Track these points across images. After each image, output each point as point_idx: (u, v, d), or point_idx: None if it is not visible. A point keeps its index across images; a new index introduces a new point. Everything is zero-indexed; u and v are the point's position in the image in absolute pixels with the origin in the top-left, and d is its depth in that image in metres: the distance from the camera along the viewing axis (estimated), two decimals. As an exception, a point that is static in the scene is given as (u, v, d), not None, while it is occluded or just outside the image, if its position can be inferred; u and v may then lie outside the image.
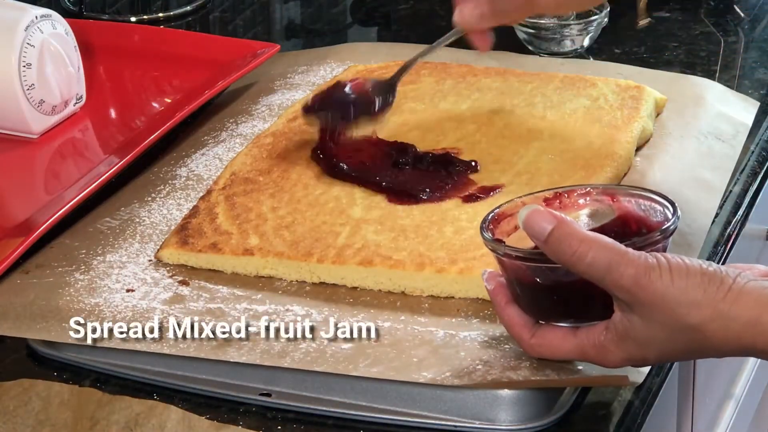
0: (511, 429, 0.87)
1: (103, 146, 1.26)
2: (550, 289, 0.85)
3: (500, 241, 0.87)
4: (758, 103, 1.27)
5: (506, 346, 0.90)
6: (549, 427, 0.88)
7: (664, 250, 0.84)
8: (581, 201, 0.91)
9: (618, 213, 0.90)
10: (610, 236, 0.81)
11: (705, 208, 1.09)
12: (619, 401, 0.90)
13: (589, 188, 0.91)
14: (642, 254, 0.80)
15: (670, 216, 0.86)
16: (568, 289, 0.84)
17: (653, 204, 0.88)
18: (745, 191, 1.16)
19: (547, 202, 0.90)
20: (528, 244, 0.85)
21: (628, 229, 0.88)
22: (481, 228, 0.88)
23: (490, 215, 0.89)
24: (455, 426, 0.88)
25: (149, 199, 1.13)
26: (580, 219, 0.90)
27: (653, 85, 1.24)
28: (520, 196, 0.91)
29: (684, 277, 0.79)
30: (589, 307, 0.84)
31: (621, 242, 0.81)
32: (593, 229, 0.85)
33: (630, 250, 0.80)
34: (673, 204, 0.87)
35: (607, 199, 0.90)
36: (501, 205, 0.90)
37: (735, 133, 1.21)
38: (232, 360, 0.91)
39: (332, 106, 1.14)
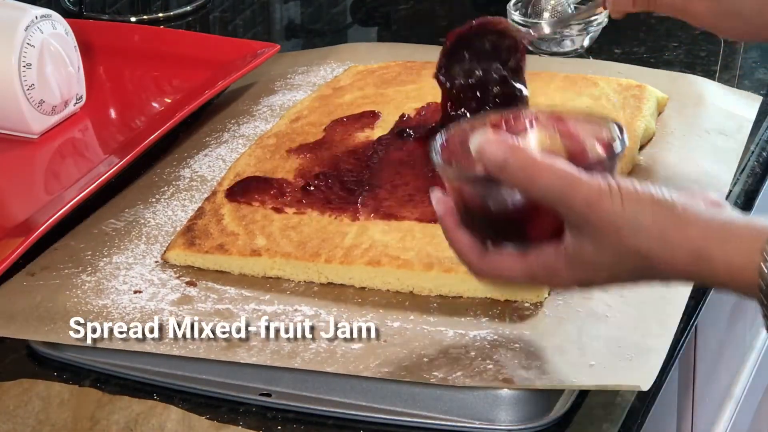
0: (511, 429, 0.87)
1: (103, 146, 1.26)
2: (500, 212, 0.83)
3: (451, 164, 0.85)
4: (760, 98, 1.27)
5: (516, 345, 0.90)
6: (549, 427, 0.88)
7: (611, 171, 0.83)
8: (528, 125, 0.90)
9: (565, 136, 0.88)
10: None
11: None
12: (619, 402, 0.90)
13: (535, 112, 0.90)
14: (595, 178, 0.79)
15: (617, 137, 0.85)
16: (518, 213, 0.82)
17: (600, 127, 0.86)
18: (745, 191, 1.16)
19: (494, 126, 0.89)
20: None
21: (576, 152, 0.87)
22: (431, 152, 0.86)
23: (439, 141, 0.87)
24: (455, 426, 0.87)
25: (153, 200, 1.13)
26: (529, 143, 0.88)
27: (654, 84, 1.24)
28: (467, 120, 0.90)
29: (634, 203, 0.78)
30: (540, 231, 0.83)
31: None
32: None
33: (583, 173, 0.79)
34: (619, 126, 0.85)
35: (554, 122, 0.89)
36: (448, 130, 0.88)
37: (739, 128, 1.21)
38: (242, 361, 0.91)
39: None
